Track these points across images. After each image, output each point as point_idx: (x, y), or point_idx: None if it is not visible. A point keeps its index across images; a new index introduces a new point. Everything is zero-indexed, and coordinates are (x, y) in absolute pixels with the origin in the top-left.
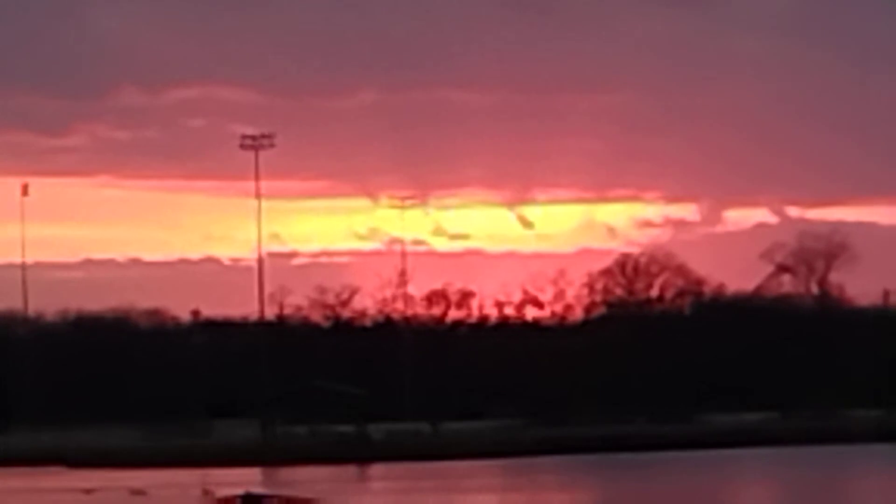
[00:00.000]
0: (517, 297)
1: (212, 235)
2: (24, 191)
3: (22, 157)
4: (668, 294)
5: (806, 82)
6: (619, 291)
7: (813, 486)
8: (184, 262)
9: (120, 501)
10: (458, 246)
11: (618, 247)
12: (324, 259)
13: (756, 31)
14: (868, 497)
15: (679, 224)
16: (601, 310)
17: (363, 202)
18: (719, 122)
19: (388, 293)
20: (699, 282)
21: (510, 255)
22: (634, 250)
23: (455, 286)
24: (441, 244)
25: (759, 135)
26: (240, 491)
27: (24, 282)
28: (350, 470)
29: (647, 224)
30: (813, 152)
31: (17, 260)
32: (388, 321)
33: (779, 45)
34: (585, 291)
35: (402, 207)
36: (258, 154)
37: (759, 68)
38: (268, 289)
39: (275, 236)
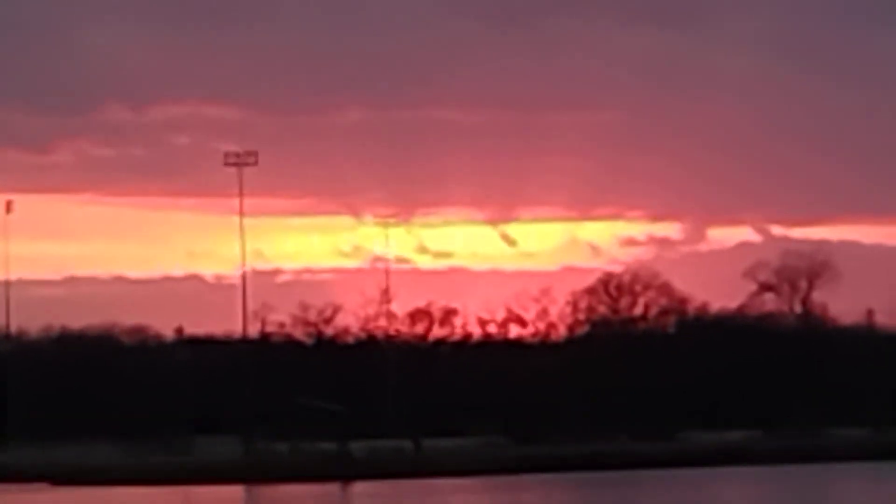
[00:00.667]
0: (500, 315)
1: (195, 252)
2: (8, 207)
3: (6, 174)
4: (652, 312)
5: (790, 101)
6: (602, 310)
7: None
8: (167, 279)
9: None
10: (441, 264)
11: (601, 265)
12: (307, 276)
13: (740, 51)
14: None
15: (662, 242)
16: (584, 328)
17: (347, 220)
18: (703, 141)
19: (371, 311)
20: (683, 300)
21: (493, 273)
22: (618, 269)
23: (438, 304)
24: (424, 262)
25: (743, 153)
26: None
27: (7, 298)
28: (332, 487)
29: (631, 242)
30: (796, 171)
31: (1, 277)
32: (371, 339)
33: (763, 64)
34: (569, 310)
35: (386, 225)
36: (242, 171)
37: (743, 87)
38: (251, 306)
39: (258, 254)
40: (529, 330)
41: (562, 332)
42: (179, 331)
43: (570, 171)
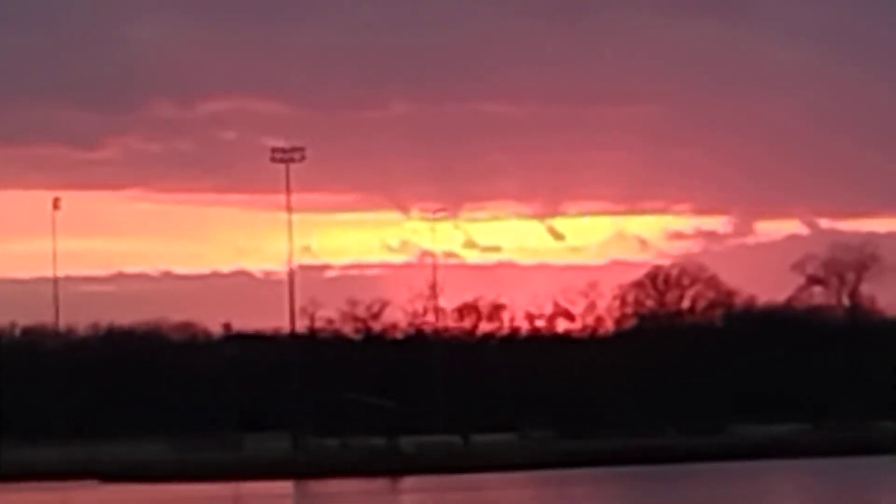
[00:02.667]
0: (548, 309)
1: (243, 248)
2: (56, 204)
3: (53, 171)
4: (700, 306)
5: (838, 94)
6: (650, 303)
7: (844, 498)
8: (215, 275)
9: None
10: (489, 258)
11: (649, 259)
12: (355, 272)
13: (788, 43)
14: None
15: (710, 236)
16: (632, 322)
17: (394, 215)
18: (751, 134)
19: (419, 306)
20: (730, 293)
21: (541, 268)
22: (665, 262)
23: (486, 299)
24: (472, 257)
25: (791, 146)
26: None
27: (55, 295)
28: (381, 483)
29: (679, 236)
30: (845, 164)
31: (49, 274)
32: (419, 334)
33: (811, 57)
34: (616, 304)
35: (433, 220)
36: (289, 167)
37: (793, 80)
38: (299, 302)
39: (306, 249)
40: (577, 324)
41: (609, 326)
42: (227, 327)
43: (617, 164)
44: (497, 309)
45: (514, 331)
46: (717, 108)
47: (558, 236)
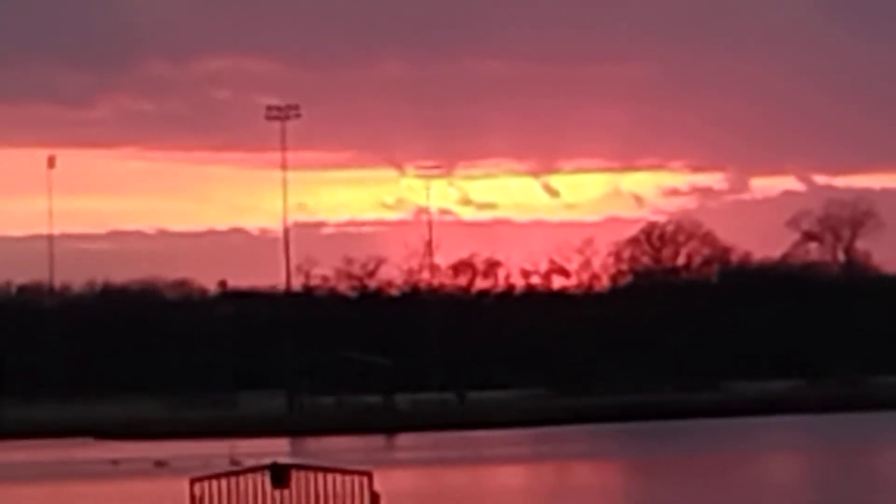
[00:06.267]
0: (544, 266)
1: (238, 206)
2: (51, 163)
3: (48, 130)
4: (695, 262)
5: (833, 50)
6: (645, 260)
7: (842, 454)
8: (210, 232)
9: (146, 472)
10: (484, 216)
11: (644, 215)
12: (350, 229)
13: (782, 1)
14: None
15: (705, 192)
16: (628, 278)
17: (389, 172)
18: (746, 91)
19: (415, 263)
20: (726, 250)
21: (536, 225)
22: (661, 219)
23: (481, 256)
24: (467, 214)
25: (786, 103)
26: (267, 461)
27: (50, 254)
28: (377, 440)
29: (674, 192)
30: (839, 120)
31: (44, 232)
32: (415, 291)
33: (806, 14)
34: (612, 260)
35: (429, 177)
36: (284, 125)
37: (787, 37)
38: (294, 259)
39: (301, 207)
40: (572, 281)
41: (605, 282)
42: (223, 284)
43: (612, 121)
44: (492, 266)
45: (510, 288)
46: (712, 65)
47: (554, 193)
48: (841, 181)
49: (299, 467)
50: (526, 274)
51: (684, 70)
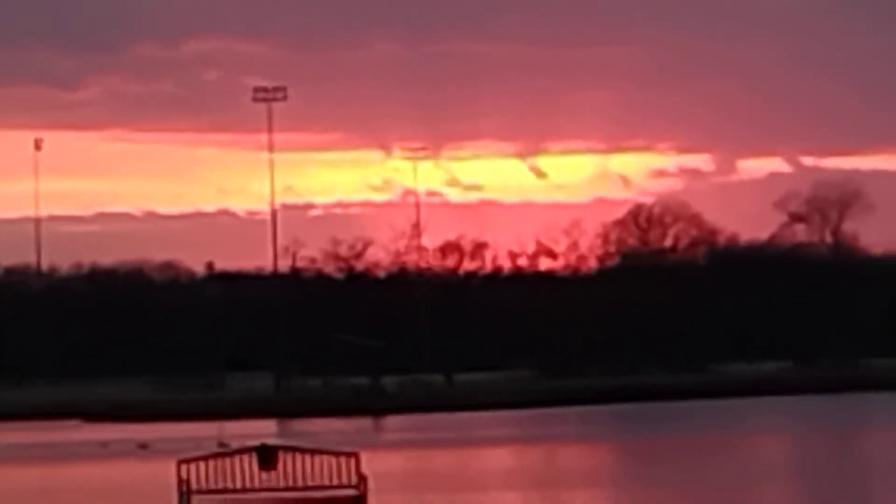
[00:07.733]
0: (531, 247)
1: (226, 188)
2: (38, 145)
3: (35, 111)
4: (682, 244)
5: (822, 32)
6: (632, 241)
7: (831, 436)
8: (198, 214)
9: (133, 454)
10: (471, 197)
11: (631, 197)
12: (338, 211)
13: None
14: (887, 446)
15: (693, 173)
16: (615, 260)
17: (377, 154)
18: (734, 72)
19: (402, 245)
20: (713, 231)
21: (524, 206)
22: (648, 200)
23: (469, 237)
24: (454, 195)
25: (774, 84)
26: (254, 443)
27: (37, 236)
28: (364, 422)
29: (661, 174)
30: (828, 101)
31: (31, 214)
32: (402, 273)
33: None
34: (599, 242)
35: (416, 159)
36: (271, 107)
37: (774, 19)
38: (282, 241)
39: (289, 189)
40: (560, 262)
41: (592, 264)
42: (210, 266)
43: (600, 103)
44: (480, 247)
45: (497, 269)
46: (700, 47)
47: (541, 174)
48: (829, 162)
49: (286, 449)
50: (513, 255)
51: (671, 52)
